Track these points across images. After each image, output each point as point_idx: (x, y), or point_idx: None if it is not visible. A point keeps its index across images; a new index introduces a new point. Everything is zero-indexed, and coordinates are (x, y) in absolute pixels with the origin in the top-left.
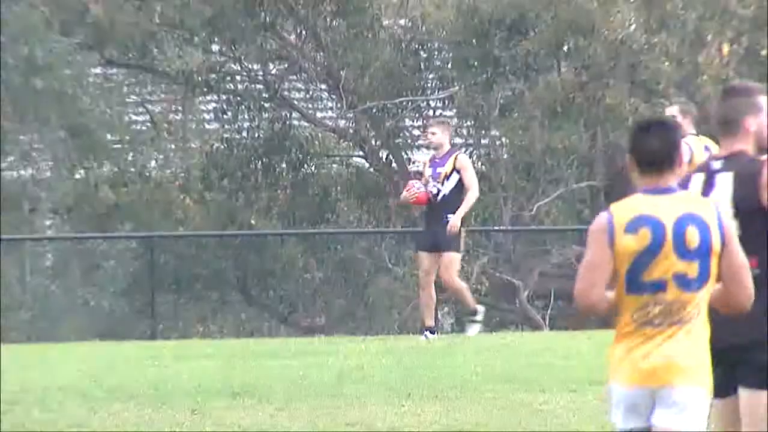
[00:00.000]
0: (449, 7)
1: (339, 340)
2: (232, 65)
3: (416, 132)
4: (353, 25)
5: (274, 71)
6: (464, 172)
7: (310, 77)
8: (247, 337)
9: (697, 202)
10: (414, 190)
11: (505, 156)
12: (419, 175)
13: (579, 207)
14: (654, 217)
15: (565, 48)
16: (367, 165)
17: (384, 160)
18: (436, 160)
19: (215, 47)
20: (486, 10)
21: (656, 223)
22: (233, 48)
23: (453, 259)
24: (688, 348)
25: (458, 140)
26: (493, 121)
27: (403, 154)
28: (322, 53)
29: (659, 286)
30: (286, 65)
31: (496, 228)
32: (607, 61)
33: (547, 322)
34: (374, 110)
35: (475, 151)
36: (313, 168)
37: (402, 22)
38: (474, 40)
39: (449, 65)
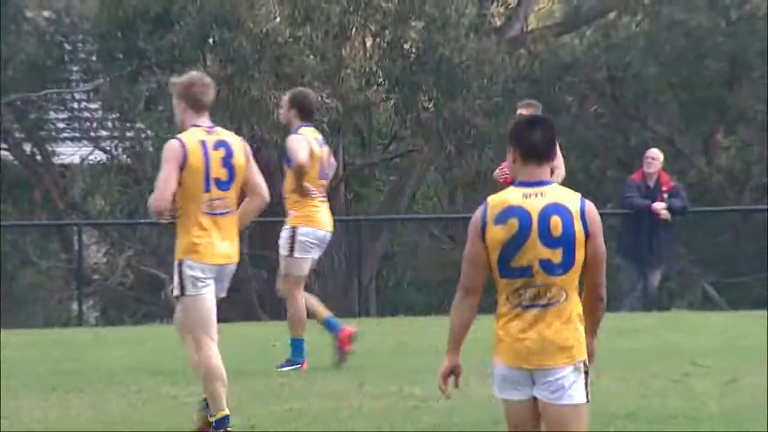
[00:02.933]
0: None
1: None
2: None
3: (61, 125)
4: None
5: None
6: None
7: None
8: None
9: (565, 194)
10: (505, 170)
11: (150, 149)
12: None
13: None
14: (522, 207)
15: (211, 41)
16: (11, 158)
17: (28, 152)
18: None
19: None
20: (130, 2)
21: (523, 213)
22: None
23: None
24: (559, 329)
25: (103, 132)
26: (139, 114)
27: (47, 146)
28: None
29: (527, 272)
30: None
31: (141, 221)
32: (252, 53)
33: None
34: (18, 103)
35: (120, 144)
36: None
37: (46, 14)
38: (119, 32)
39: (94, 57)
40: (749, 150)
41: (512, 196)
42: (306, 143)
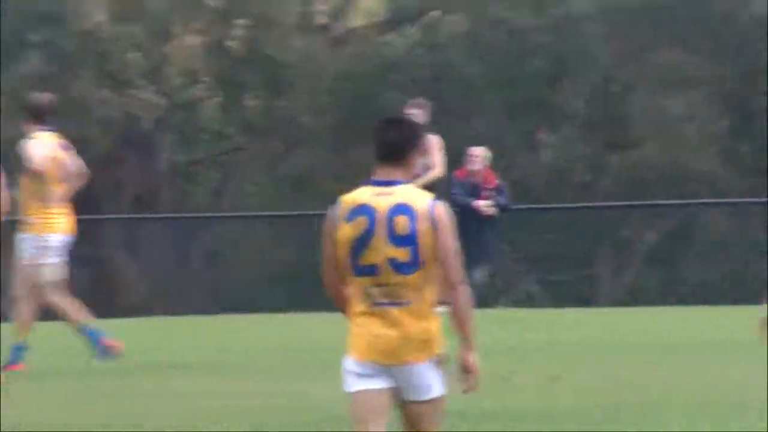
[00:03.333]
0: None
1: None
2: None
3: None
4: None
5: None
6: (431, 153)
7: None
8: None
9: (414, 195)
10: None
11: None
12: None
13: None
14: (370, 206)
15: (34, 38)
16: None
17: None
18: None
19: None
20: None
21: (371, 212)
22: None
23: None
24: (416, 326)
25: None
26: None
27: None
28: None
29: (376, 270)
30: None
31: None
32: (76, 51)
33: None
34: None
35: None
36: None
37: None
38: None
39: None
40: (572, 148)
41: (364, 194)
42: (39, 148)
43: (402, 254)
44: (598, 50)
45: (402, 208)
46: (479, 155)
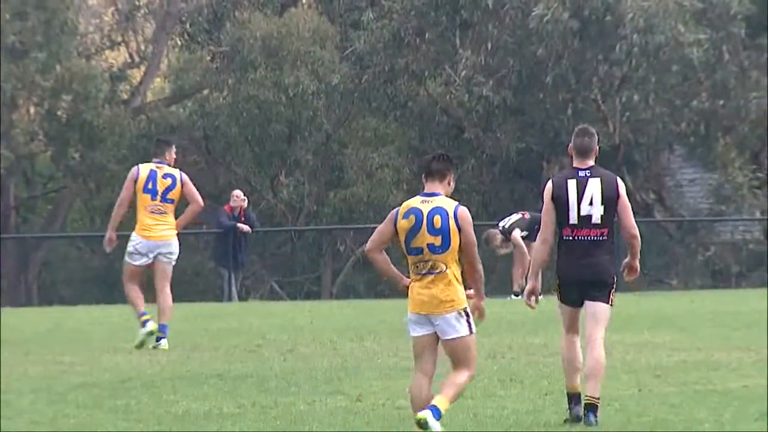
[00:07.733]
0: None
1: None
2: None
3: None
4: None
5: None
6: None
7: None
8: None
9: (446, 202)
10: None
11: None
12: None
13: None
14: (418, 208)
15: None
16: None
17: None
18: None
19: None
20: None
21: (418, 213)
22: None
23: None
24: (443, 289)
25: None
26: None
27: None
28: None
29: (420, 251)
30: None
31: None
32: None
33: None
34: None
35: None
36: None
37: None
38: None
39: None
40: (302, 187)
41: (415, 201)
42: None
43: (437, 240)
44: (321, 119)
45: (438, 210)
46: (239, 195)
